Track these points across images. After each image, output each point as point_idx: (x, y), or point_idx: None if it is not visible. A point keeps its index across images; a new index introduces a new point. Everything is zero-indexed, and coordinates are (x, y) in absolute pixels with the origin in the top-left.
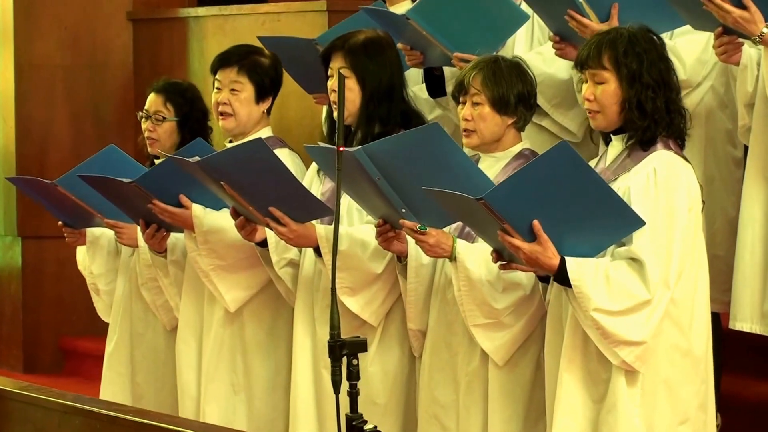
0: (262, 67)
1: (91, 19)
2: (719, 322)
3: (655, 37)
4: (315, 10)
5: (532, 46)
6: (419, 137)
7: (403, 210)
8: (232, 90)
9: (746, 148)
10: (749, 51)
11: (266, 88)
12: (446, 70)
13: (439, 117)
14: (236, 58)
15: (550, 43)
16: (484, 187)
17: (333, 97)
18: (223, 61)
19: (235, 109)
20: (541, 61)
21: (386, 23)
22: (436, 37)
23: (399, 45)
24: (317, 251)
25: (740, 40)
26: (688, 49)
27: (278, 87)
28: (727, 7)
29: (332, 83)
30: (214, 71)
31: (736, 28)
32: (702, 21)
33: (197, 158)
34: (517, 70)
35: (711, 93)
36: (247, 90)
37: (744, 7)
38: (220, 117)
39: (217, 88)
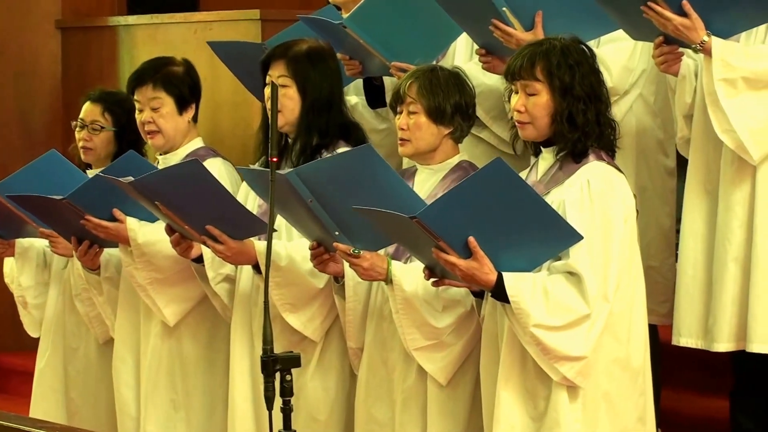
0: (177, 78)
1: (19, 27)
2: (657, 334)
3: (586, 48)
4: (248, 18)
5: (472, 56)
6: (351, 159)
7: (337, 233)
8: (153, 108)
9: (680, 158)
10: (688, 62)
11: (186, 98)
12: (386, 80)
13: (387, 129)
14: (149, 74)
15: None
16: (416, 207)
17: (270, 105)
18: (137, 80)
19: (160, 125)
20: (481, 72)
21: (325, 32)
22: (373, 46)
23: (337, 55)
24: (256, 268)
25: (681, 50)
26: (615, 56)
27: (198, 93)
28: (668, 14)
29: (270, 91)
30: (131, 91)
31: (676, 36)
32: (641, 30)
33: (130, 178)
34: (455, 80)
35: (640, 101)
36: (167, 104)
37: (685, 15)
38: (148, 136)
39: (138, 109)
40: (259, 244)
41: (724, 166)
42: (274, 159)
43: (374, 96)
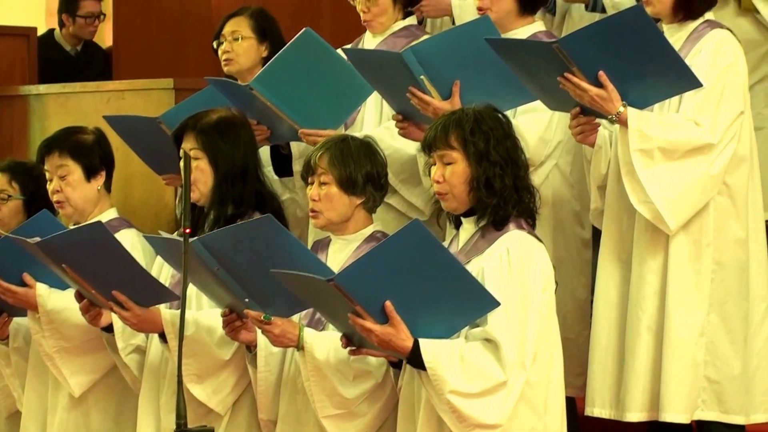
0: (85, 146)
1: None
2: (574, 406)
3: (500, 116)
4: (161, 88)
5: (381, 120)
6: (253, 229)
7: (246, 300)
8: (61, 176)
9: (594, 229)
10: (603, 132)
11: (94, 166)
12: (293, 148)
13: (288, 200)
14: (57, 142)
15: None
16: (323, 275)
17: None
18: (46, 149)
19: (67, 194)
20: (389, 135)
21: (232, 95)
22: (281, 109)
23: None
24: (162, 336)
25: (597, 120)
26: (531, 127)
27: (109, 162)
28: (584, 85)
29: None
30: (41, 160)
31: (592, 107)
32: (558, 101)
33: (37, 239)
34: (366, 149)
35: (556, 172)
36: (75, 172)
37: (601, 86)
38: (57, 205)
39: (48, 179)
40: (165, 312)
41: (638, 234)
42: (187, 230)
43: (281, 164)
